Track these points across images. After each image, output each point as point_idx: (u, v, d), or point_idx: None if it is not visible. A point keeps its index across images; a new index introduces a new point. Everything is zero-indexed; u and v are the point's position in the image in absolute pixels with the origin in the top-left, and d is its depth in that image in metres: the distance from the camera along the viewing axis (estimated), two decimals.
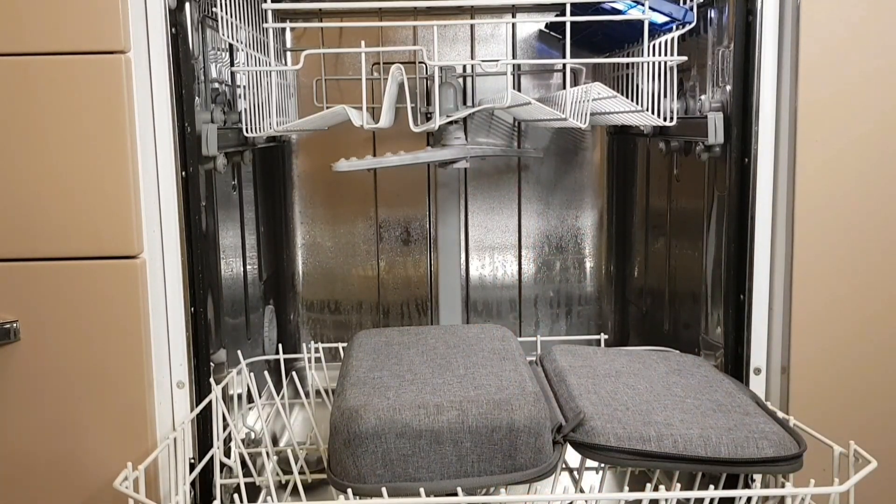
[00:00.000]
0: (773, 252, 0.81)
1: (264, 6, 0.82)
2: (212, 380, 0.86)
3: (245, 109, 0.95)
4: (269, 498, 0.73)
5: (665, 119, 0.88)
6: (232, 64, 1.01)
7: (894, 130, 0.76)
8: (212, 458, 0.84)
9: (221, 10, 0.83)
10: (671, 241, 1.11)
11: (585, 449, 0.67)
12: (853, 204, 0.77)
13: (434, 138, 1.19)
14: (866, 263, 0.78)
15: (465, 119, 1.24)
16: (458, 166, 1.13)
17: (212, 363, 0.87)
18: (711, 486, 0.66)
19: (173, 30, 0.78)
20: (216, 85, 0.95)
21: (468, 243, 1.35)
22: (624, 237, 1.33)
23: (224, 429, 0.85)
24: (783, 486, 0.65)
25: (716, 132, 0.84)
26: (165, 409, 0.81)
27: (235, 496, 0.66)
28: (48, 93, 0.75)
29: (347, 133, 1.04)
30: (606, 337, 1.09)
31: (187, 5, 0.81)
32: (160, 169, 0.79)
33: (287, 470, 0.87)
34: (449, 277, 1.26)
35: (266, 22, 0.82)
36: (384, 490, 0.63)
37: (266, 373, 1.04)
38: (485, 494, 0.70)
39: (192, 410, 0.82)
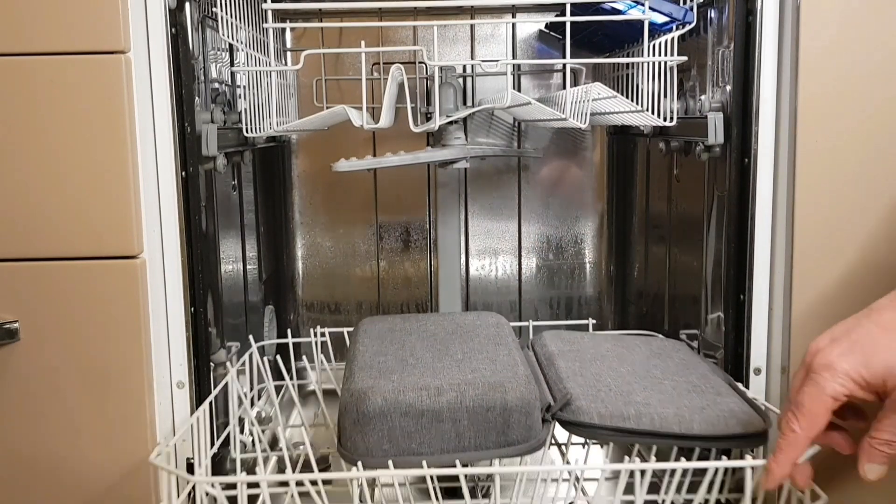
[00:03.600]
0: (773, 252, 0.81)
1: (264, 6, 0.82)
2: (228, 363, 0.91)
3: (245, 109, 0.95)
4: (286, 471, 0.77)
5: (665, 119, 0.88)
6: (232, 64, 1.01)
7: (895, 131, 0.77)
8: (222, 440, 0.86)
9: (221, 11, 0.83)
10: (671, 241, 1.11)
11: (571, 426, 0.73)
12: (853, 204, 0.77)
13: (434, 138, 1.19)
14: (866, 263, 0.78)
15: (465, 119, 1.23)
16: (458, 166, 1.13)
17: (212, 363, 0.87)
18: (683, 459, 0.70)
19: (173, 30, 0.78)
20: (216, 85, 0.95)
21: (468, 243, 1.35)
22: (624, 237, 1.33)
23: (239, 405, 0.90)
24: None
25: (716, 132, 0.84)
26: (165, 409, 0.81)
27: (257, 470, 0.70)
28: (48, 93, 0.75)
29: (347, 133, 1.04)
30: (595, 322, 1.13)
31: (187, 5, 0.81)
32: (160, 169, 0.79)
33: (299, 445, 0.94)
34: (449, 278, 1.26)
35: (266, 22, 0.82)
36: (391, 463, 0.69)
37: (266, 359, 1.05)
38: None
39: (191, 411, 0.82)
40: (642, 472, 0.67)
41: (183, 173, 0.80)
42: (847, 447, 0.65)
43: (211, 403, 0.85)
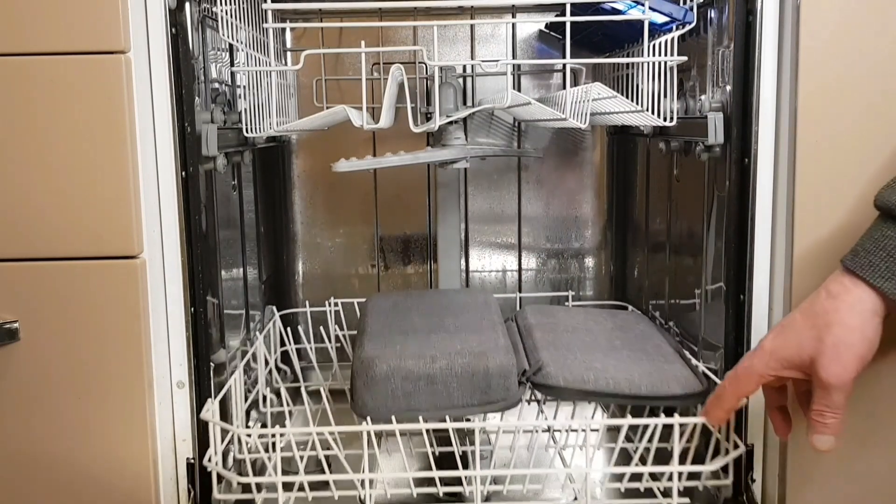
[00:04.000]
0: (773, 252, 0.81)
1: (264, 6, 0.82)
2: (256, 332, 1.08)
3: (245, 109, 0.96)
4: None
5: (665, 119, 0.88)
6: (232, 64, 1.01)
7: (895, 130, 0.76)
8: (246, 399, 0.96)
9: (221, 11, 0.83)
10: (671, 241, 1.11)
11: (542, 388, 0.87)
12: (853, 204, 0.77)
13: (434, 138, 1.19)
14: None
15: (465, 119, 1.23)
16: (458, 166, 1.13)
17: (212, 363, 0.87)
18: (629, 416, 0.82)
19: (173, 30, 0.78)
20: (216, 85, 0.95)
21: (468, 243, 1.35)
22: (624, 237, 1.33)
23: (265, 364, 1.06)
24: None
25: (716, 132, 0.84)
26: (165, 409, 0.82)
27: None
28: (48, 93, 0.75)
29: (347, 133, 1.04)
30: (573, 293, 1.28)
31: (187, 5, 0.81)
32: (160, 169, 0.79)
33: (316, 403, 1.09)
34: (449, 278, 1.26)
35: (266, 22, 0.82)
36: (394, 418, 0.82)
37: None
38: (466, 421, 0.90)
39: (191, 411, 0.83)
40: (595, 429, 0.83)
41: (183, 173, 0.80)
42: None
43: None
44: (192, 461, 0.83)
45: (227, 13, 0.84)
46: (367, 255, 1.35)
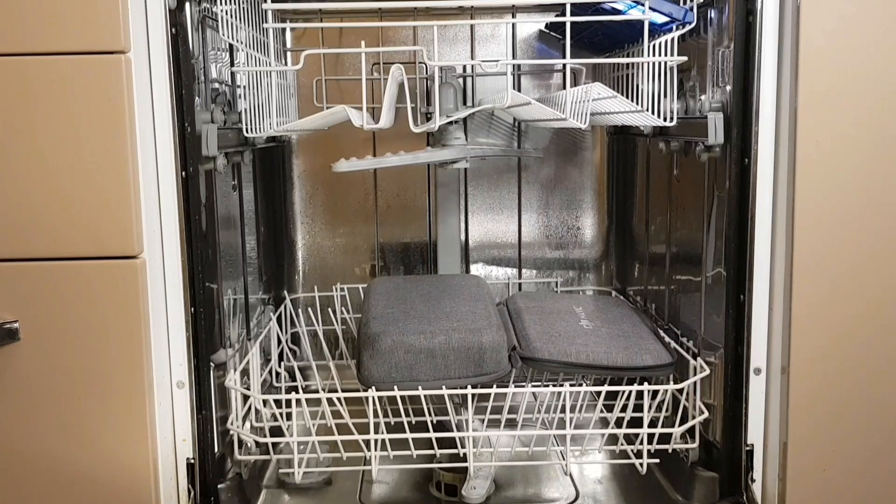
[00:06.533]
0: (773, 252, 0.81)
1: (264, 6, 0.83)
2: (272, 312, 1.19)
3: (245, 109, 0.96)
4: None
5: (665, 119, 0.88)
6: (232, 64, 1.01)
7: (895, 131, 0.76)
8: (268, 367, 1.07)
9: (221, 11, 0.83)
10: (671, 241, 1.11)
11: (529, 361, 0.95)
12: (853, 204, 0.77)
13: (434, 138, 1.19)
14: (866, 263, 0.78)
15: (465, 119, 1.23)
16: (458, 166, 1.13)
17: (212, 363, 0.87)
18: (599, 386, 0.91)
19: (173, 30, 0.78)
20: (216, 85, 0.95)
21: (468, 243, 1.35)
22: (624, 237, 1.33)
23: (278, 344, 1.18)
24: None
25: (716, 132, 0.84)
26: (165, 409, 0.82)
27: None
28: (48, 93, 0.75)
29: (347, 133, 1.04)
30: (560, 280, 1.35)
31: (187, 5, 0.81)
32: (160, 169, 0.79)
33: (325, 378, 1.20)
34: None
35: (266, 22, 0.82)
36: (396, 387, 0.90)
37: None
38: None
39: (192, 411, 0.83)
40: (577, 394, 0.93)
41: (183, 173, 0.80)
42: None
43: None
44: (192, 461, 0.83)
45: (227, 13, 0.84)
46: (366, 255, 1.35)
